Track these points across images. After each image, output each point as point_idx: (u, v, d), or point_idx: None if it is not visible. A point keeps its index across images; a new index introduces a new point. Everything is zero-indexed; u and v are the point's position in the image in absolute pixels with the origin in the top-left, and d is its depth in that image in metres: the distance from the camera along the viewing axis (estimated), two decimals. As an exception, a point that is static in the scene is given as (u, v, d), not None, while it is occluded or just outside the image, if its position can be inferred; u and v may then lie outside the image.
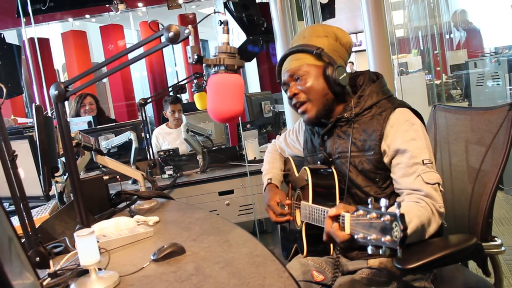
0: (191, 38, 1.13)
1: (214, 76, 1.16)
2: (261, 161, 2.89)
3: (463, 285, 1.37)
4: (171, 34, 1.12)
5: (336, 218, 1.01)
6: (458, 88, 6.65)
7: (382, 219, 0.82)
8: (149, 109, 5.64)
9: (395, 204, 0.81)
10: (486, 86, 5.02)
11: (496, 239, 1.32)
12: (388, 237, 0.80)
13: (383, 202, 0.84)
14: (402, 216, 0.79)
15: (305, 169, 1.41)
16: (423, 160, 1.23)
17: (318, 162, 1.46)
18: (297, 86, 1.39)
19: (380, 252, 0.83)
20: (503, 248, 1.31)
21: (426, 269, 1.25)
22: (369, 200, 0.90)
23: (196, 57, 1.14)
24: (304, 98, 1.38)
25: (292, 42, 1.47)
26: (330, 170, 1.39)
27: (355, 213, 0.91)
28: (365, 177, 1.34)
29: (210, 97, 1.18)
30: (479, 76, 5.12)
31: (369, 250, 0.85)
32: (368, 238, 0.85)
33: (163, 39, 1.15)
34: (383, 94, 1.36)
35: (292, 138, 1.71)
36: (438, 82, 6.69)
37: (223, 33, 1.17)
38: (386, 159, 1.31)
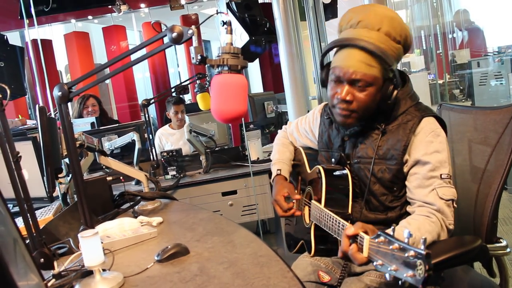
0: (194, 38, 1.13)
1: (218, 76, 1.16)
2: (264, 161, 2.89)
3: (469, 286, 1.36)
4: (174, 34, 1.12)
5: (353, 237, 0.98)
6: (461, 87, 6.64)
7: (406, 254, 0.79)
8: (152, 110, 5.64)
9: (421, 240, 0.78)
10: (489, 86, 5.00)
11: (501, 240, 1.31)
12: (410, 273, 0.78)
13: (406, 233, 0.81)
14: (428, 255, 0.77)
15: (318, 168, 1.37)
16: (441, 174, 1.21)
17: (333, 160, 1.43)
18: (354, 93, 1.26)
19: (399, 283, 0.81)
20: (508, 250, 1.30)
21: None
22: (392, 227, 0.87)
23: (199, 57, 1.14)
24: (354, 109, 1.27)
25: (360, 18, 1.26)
26: (346, 172, 1.35)
27: (376, 239, 0.89)
28: (382, 185, 1.31)
29: (214, 97, 1.18)
30: (482, 76, 5.10)
31: (387, 276, 0.83)
32: (389, 268, 0.83)
33: (166, 39, 1.15)
34: (411, 101, 1.31)
35: (305, 127, 1.64)
36: (441, 81, 6.67)
37: (226, 34, 1.17)
38: (405, 168, 1.28)
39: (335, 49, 1.33)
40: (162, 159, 2.89)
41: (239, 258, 1.17)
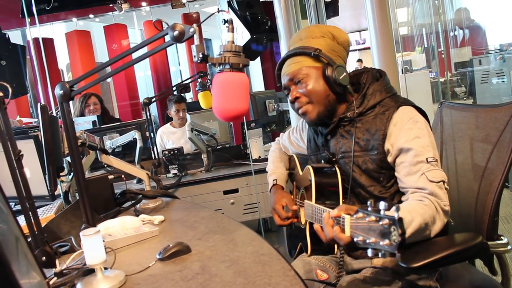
0: (195, 37, 1.13)
1: (219, 74, 1.16)
2: (266, 159, 2.88)
3: (469, 283, 1.36)
4: (176, 33, 1.12)
5: (337, 220, 1.00)
6: (463, 85, 6.63)
7: (380, 222, 0.82)
8: (153, 108, 5.65)
9: (394, 207, 0.80)
10: (491, 84, 5.00)
11: (502, 237, 1.31)
12: (386, 241, 0.80)
13: (382, 205, 0.83)
14: (400, 220, 0.78)
15: (308, 168, 1.40)
16: (427, 158, 1.22)
17: (322, 161, 1.45)
18: (298, 89, 1.38)
19: (379, 255, 0.83)
20: (509, 247, 1.30)
21: (431, 268, 1.24)
22: (368, 202, 0.88)
23: (201, 55, 1.14)
24: (306, 101, 1.38)
25: (289, 45, 1.46)
26: (334, 169, 1.37)
27: (355, 216, 0.91)
28: (368, 176, 1.33)
29: (216, 95, 1.18)
30: (484, 74, 5.10)
31: (369, 252, 0.85)
32: (367, 241, 0.85)
33: (168, 38, 1.15)
34: (386, 92, 1.35)
35: (296, 136, 1.70)
36: (442, 79, 6.66)
37: (228, 32, 1.16)
38: (389, 158, 1.30)
39: None
40: (164, 158, 2.89)
41: (240, 256, 1.17)
